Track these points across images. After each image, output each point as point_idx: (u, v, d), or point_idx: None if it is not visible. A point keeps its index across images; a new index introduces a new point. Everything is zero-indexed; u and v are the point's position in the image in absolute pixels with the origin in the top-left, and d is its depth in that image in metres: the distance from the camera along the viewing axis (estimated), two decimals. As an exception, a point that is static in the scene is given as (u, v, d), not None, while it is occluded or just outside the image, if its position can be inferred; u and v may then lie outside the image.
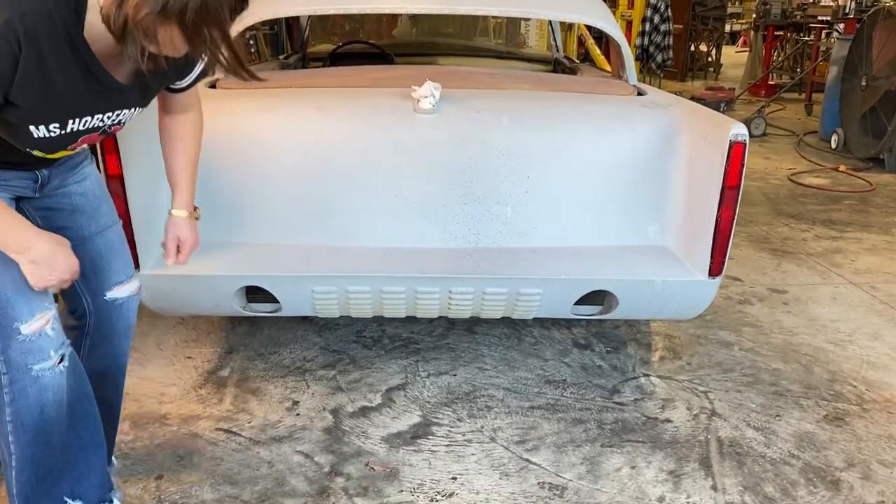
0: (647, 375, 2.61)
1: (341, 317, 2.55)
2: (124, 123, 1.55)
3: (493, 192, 2.31)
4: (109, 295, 1.78)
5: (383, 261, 2.25)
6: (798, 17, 9.51)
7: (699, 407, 2.42)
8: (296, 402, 2.38)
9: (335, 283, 2.22)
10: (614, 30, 2.78)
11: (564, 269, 2.24)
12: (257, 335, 2.83)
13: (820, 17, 8.81)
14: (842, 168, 5.95)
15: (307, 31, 4.48)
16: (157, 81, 1.52)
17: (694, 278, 2.24)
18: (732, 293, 3.37)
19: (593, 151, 2.33)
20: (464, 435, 2.23)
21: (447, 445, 2.18)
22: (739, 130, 2.09)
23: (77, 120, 1.41)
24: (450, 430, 2.25)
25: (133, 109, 1.52)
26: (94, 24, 1.28)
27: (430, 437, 2.22)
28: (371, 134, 2.28)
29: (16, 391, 1.51)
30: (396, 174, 2.29)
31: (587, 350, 2.79)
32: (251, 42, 7.37)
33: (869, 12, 6.42)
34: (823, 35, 9.02)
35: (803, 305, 3.26)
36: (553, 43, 4.54)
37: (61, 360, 1.56)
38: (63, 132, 1.40)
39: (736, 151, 2.09)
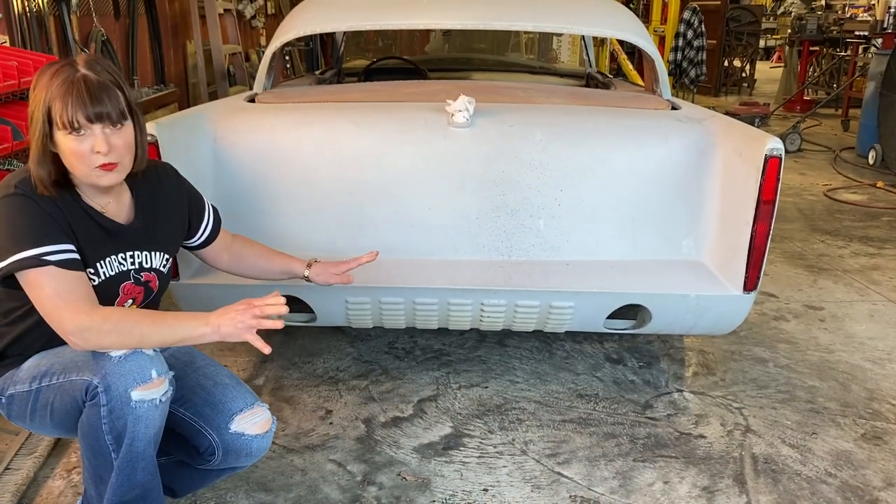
0: (681, 391, 2.59)
1: (374, 328, 2.58)
2: (156, 269, 1.67)
3: (526, 206, 2.32)
4: (234, 427, 1.64)
5: (416, 272, 2.27)
6: (834, 31, 9.38)
7: (733, 423, 2.39)
8: (329, 412, 2.41)
9: (369, 294, 2.25)
10: (648, 45, 2.78)
11: (597, 282, 2.24)
12: (291, 345, 2.87)
13: (857, 32, 8.68)
14: (880, 184, 5.86)
15: (342, 47, 4.56)
16: (161, 225, 1.69)
17: (728, 293, 2.22)
18: (767, 309, 3.33)
19: (627, 165, 2.33)
20: (495, 447, 2.23)
21: (478, 457, 2.18)
22: (775, 145, 2.08)
23: (102, 262, 1.55)
24: (481, 442, 2.26)
25: (151, 253, 1.65)
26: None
27: (461, 448, 2.23)
28: (406, 147, 2.32)
29: (115, 421, 1.44)
30: (430, 187, 2.32)
31: (620, 365, 2.77)
32: (287, 58, 7.50)
33: (908, 27, 6.34)
34: (860, 50, 8.90)
35: (840, 322, 3.21)
36: (585, 58, 4.56)
37: (164, 394, 1.47)
38: (99, 280, 1.54)
39: (771, 166, 2.08)
